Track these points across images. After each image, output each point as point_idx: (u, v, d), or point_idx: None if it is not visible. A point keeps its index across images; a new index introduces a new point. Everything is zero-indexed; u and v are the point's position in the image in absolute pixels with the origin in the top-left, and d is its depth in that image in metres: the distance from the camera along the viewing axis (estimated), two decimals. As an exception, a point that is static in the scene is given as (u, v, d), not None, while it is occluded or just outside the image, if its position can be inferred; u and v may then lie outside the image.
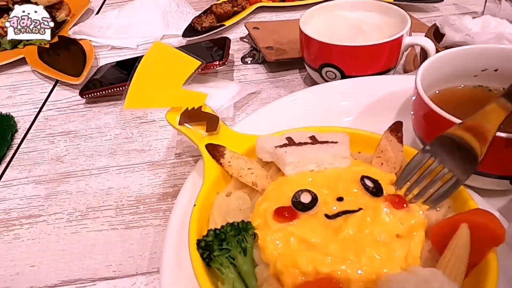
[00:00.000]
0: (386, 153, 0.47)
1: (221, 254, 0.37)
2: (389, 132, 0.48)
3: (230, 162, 0.46)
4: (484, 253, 0.36)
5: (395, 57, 0.68)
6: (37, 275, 0.51)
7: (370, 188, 0.40)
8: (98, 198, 0.60)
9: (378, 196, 0.39)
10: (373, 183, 0.40)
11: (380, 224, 0.37)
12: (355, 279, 0.34)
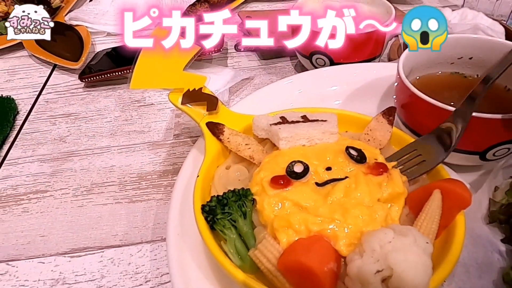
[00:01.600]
0: (375, 132, 0.52)
1: (224, 217, 0.41)
2: (381, 115, 0.53)
3: (229, 138, 0.51)
4: (453, 215, 0.41)
5: (380, 45, 0.73)
6: (48, 244, 0.54)
7: (354, 156, 0.45)
8: (101, 175, 0.64)
9: (362, 163, 0.44)
10: (356, 152, 0.45)
11: (362, 189, 0.42)
12: (341, 236, 0.39)
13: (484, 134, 0.48)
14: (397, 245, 0.35)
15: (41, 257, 0.53)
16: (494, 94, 0.57)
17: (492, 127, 0.47)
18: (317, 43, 0.63)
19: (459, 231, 0.40)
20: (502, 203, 0.46)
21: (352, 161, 0.44)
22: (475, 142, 0.50)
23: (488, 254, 0.43)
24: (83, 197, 0.60)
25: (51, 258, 0.52)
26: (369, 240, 0.36)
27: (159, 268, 0.50)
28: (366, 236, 0.36)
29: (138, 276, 0.50)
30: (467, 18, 0.73)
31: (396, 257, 0.34)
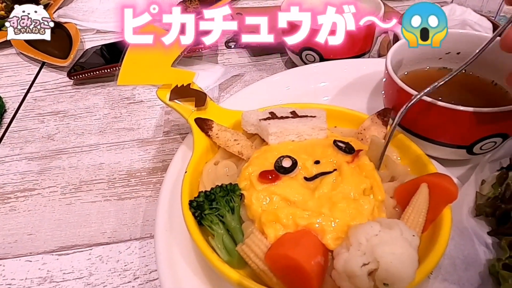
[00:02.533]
0: (368, 132, 0.52)
1: (211, 213, 0.41)
2: (376, 115, 0.53)
3: (217, 134, 0.50)
4: (440, 209, 0.42)
5: (369, 41, 0.73)
6: (35, 242, 0.54)
7: (342, 147, 0.45)
8: (90, 172, 0.63)
9: (351, 154, 0.44)
10: (344, 144, 0.45)
11: (348, 181, 0.42)
12: (329, 230, 0.39)
13: (471, 127, 0.48)
14: (383, 238, 0.35)
15: (29, 256, 0.52)
16: (482, 88, 0.58)
17: (479, 121, 0.48)
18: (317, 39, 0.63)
19: (445, 224, 0.41)
20: (489, 196, 0.47)
21: (341, 153, 0.44)
22: (462, 136, 0.50)
23: (475, 246, 0.44)
24: (71, 195, 0.60)
25: (38, 257, 0.52)
26: (355, 233, 0.36)
27: (148, 265, 0.50)
28: (352, 229, 0.37)
29: (126, 273, 0.49)
30: (455, 13, 0.73)
31: (383, 249, 0.34)
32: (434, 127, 0.51)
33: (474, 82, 0.59)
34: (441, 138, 0.51)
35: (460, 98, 0.56)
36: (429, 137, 0.52)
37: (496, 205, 0.45)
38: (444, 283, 0.41)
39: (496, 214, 0.45)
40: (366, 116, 0.54)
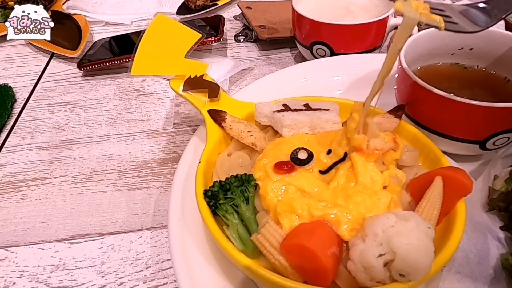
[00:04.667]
0: (380, 126, 0.52)
1: (226, 202, 0.41)
2: (388, 112, 0.53)
3: (231, 125, 0.51)
4: (454, 202, 0.42)
5: (380, 36, 0.73)
6: (47, 231, 0.54)
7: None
8: (101, 162, 0.64)
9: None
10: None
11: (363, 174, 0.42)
12: (344, 221, 0.39)
13: (485, 123, 0.48)
14: (399, 229, 0.35)
15: (41, 243, 0.52)
16: (494, 85, 0.58)
17: (493, 116, 0.48)
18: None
19: (459, 218, 0.41)
20: (502, 191, 0.47)
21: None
22: (475, 131, 0.50)
23: (487, 240, 0.44)
24: (82, 185, 0.60)
25: (50, 245, 0.52)
26: (371, 224, 0.36)
27: (160, 255, 0.50)
28: (368, 220, 0.37)
29: (138, 262, 0.50)
30: (467, 10, 0.73)
31: (399, 240, 0.34)
32: (447, 121, 0.51)
33: (487, 78, 0.59)
34: (454, 132, 0.51)
35: (472, 94, 0.56)
36: (442, 131, 0.52)
37: (509, 200, 0.45)
38: (457, 275, 0.41)
39: (509, 209, 0.45)
40: (378, 110, 0.54)
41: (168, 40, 0.57)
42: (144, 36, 0.56)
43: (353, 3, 0.79)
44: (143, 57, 0.55)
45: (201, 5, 0.99)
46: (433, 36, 0.60)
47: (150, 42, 0.56)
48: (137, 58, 0.54)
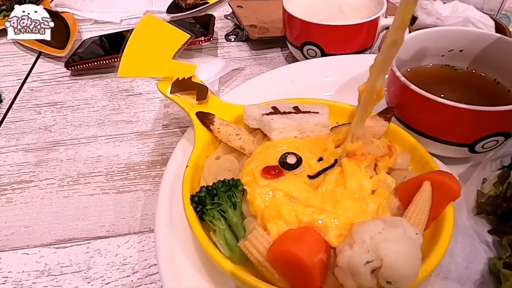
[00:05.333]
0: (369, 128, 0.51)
1: (213, 208, 0.41)
2: (377, 115, 0.52)
3: (219, 128, 0.50)
4: (443, 207, 0.41)
5: (371, 37, 0.72)
6: (32, 235, 0.53)
7: (338, 125, 0.45)
8: (88, 165, 0.63)
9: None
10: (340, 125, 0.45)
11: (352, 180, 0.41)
12: (332, 227, 0.38)
13: (474, 126, 0.48)
14: (387, 235, 0.35)
15: (26, 248, 0.51)
16: (484, 86, 0.58)
17: (482, 119, 0.48)
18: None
19: (448, 222, 0.40)
20: (490, 195, 0.47)
21: (338, 129, 0.45)
22: (464, 134, 0.50)
23: (476, 245, 0.44)
24: (69, 188, 0.59)
25: (35, 250, 0.51)
26: (359, 230, 0.36)
27: (147, 259, 0.50)
28: (356, 226, 0.36)
29: (125, 267, 0.49)
30: (458, 11, 0.73)
31: (387, 247, 0.33)
32: (437, 124, 0.51)
33: (476, 80, 0.59)
34: (444, 136, 0.51)
35: (462, 96, 0.56)
36: (432, 134, 0.52)
37: (498, 203, 0.45)
38: (445, 280, 0.41)
39: (497, 213, 0.45)
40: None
41: (156, 40, 0.57)
42: (131, 36, 0.55)
43: (345, 3, 0.78)
44: (130, 58, 0.54)
45: (191, 3, 0.98)
46: (423, 38, 0.60)
47: (137, 42, 0.55)
48: (124, 59, 0.53)
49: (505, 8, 0.93)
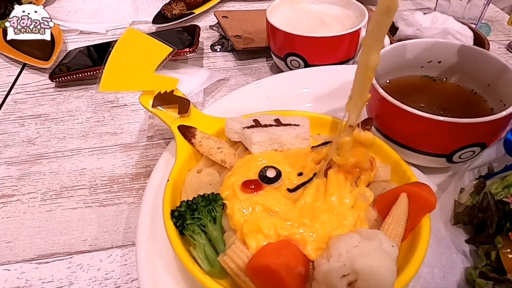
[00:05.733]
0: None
1: (193, 223, 0.41)
2: (357, 125, 0.53)
3: (200, 142, 0.50)
4: (419, 218, 0.42)
5: (353, 48, 0.74)
6: (14, 250, 0.53)
7: (319, 145, 0.45)
8: (71, 178, 0.62)
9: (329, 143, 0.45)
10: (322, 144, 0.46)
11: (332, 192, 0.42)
12: (310, 241, 0.39)
13: (451, 137, 0.49)
14: (363, 249, 0.35)
15: (6, 264, 0.51)
16: (462, 97, 0.59)
17: (459, 131, 0.49)
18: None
19: (424, 233, 0.41)
20: (467, 205, 0.48)
21: (319, 149, 0.45)
22: (442, 145, 0.51)
23: (453, 254, 0.44)
24: (52, 201, 0.59)
25: (17, 265, 0.51)
26: (335, 244, 0.36)
27: (130, 274, 0.49)
28: (333, 240, 0.37)
29: (107, 282, 0.49)
30: (437, 21, 0.74)
31: (362, 261, 0.34)
32: (415, 135, 0.52)
33: (454, 90, 0.60)
34: (421, 146, 0.52)
35: (440, 106, 0.57)
36: (410, 145, 0.53)
37: (474, 214, 0.46)
38: (422, 291, 0.42)
39: (474, 223, 0.46)
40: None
41: (138, 54, 0.57)
42: (113, 50, 0.55)
43: (327, 14, 0.79)
44: (112, 72, 0.54)
45: (177, 14, 0.98)
46: (403, 49, 0.61)
47: (119, 56, 0.55)
48: (106, 73, 0.53)
49: (485, 17, 0.95)
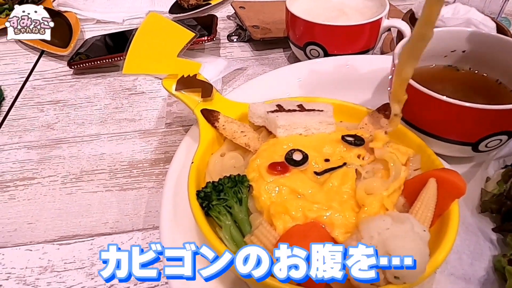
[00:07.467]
0: (370, 126, 0.52)
1: (219, 203, 0.41)
2: (376, 111, 0.53)
3: (224, 125, 0.50)
4: (448, 204, 0.42)
5: (374, 38, 0.73)
6: (35, 232, 0.53)
7: (352, 141, 0.45)
8: (91, 162, 0.62)
9: (361, 145, 0.44)
10: (352, 137, 0.45)
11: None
12: (338, 224, 0.39)
13: (478, 124, 0.49)
14: (395, 231, 0.35)
15: (29, 245, 0.51)
16: (486, 87, 0.58)
17: (485, 118, 0.48)
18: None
19: (453, 219, 0.40)
20: (494, 193, 0.47)
21: (351, 147, 0.44)
22: (468, 133, 0.50)
23: (480, 242, 0.44)
24: (72, 185, 0.59)
25: (39, 246, 0.51)
26: (367, 226, 0.36)
27: (151, 256, 0.49)
28: (364, 222, 0.36)
29: (129, 264, 0.49)
30: (459, 12, 0.73)
31: (395, 243, 0.34)
32: (441, 123, 0.51)
33: (479, 80, 0.59)
34: (447, 134, 0.51)
35: (464, 96, 0.56)
36: (435, 133, 0.52)
37: (501, 202, 0.46)
38: (450, 277, 0.41)
39: (501, 211, 0.46)
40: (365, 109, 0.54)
41: (160, 38, 0.57)
42: (136, 34, 0.55)
43: (347, 5, 0.79)
44: (135, 56, 0.54)
45: (194, 4, 0.98)
46: (426, 38, 0.60)
47: (142, 40, 0.55)
48: (129, 56, 0.53)
49: (505, 11, 0.94)
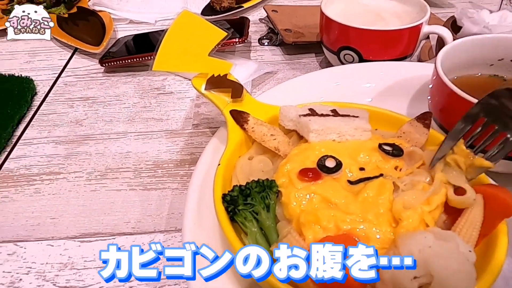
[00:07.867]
0: (409, 135, 0.48)
1: (246, 209, 0.39)
2: (415, 119, 0.49)
3: (253, 128, 0.48)
4: (495, 223, 0.38)
5: (413, 44, 0.70)
6: (58, 227, 0.52)
7: (390, 151, 0.42)
8: (117, 160, 0.62)
9: (399, 156, 0.41)
10: (391, 146, 0.42)
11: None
12: (374, 238, 0.36)
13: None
14: (438, 250, 0.32)
15: (50, 240, 0.51)
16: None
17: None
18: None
19: (501, 241, 0.37)
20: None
21: (388, 157, 0.41)
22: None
23: (531, 268, 0.40)
24: (96, 182, 0.58)
25: (60, 242, 0.50)
26: (406, 242, 0.33)
27: (172, 260, 0.48)
28: (403, 238, 0.33)
29: (149, 266, 0.47)
30: (506, 20, 0.69)
31: (438, 263, 0.30)
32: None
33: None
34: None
35: None
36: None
37: (555, 224, 0.41)
38: (496, 305, 0.37)
39: (555, 235, 0.41)
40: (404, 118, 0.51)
41: (192, 37, 0.56)
42: (168, 31, 0.54)
43: (384, 9, 0.76)
44: (166, 53, 0.53)
45: (226, 6, 0.97)
46: (471, 45, 0.56)
47: (174, 38, 0.54)
48: (160, 53, 0.52)
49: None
